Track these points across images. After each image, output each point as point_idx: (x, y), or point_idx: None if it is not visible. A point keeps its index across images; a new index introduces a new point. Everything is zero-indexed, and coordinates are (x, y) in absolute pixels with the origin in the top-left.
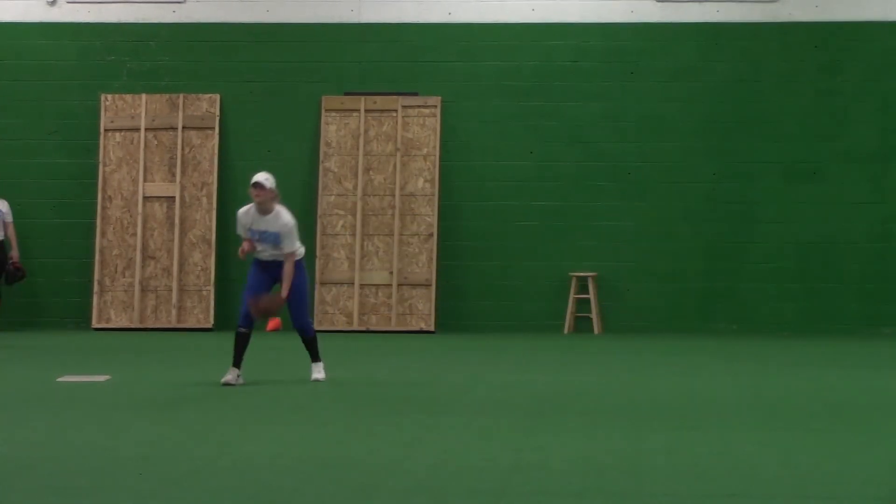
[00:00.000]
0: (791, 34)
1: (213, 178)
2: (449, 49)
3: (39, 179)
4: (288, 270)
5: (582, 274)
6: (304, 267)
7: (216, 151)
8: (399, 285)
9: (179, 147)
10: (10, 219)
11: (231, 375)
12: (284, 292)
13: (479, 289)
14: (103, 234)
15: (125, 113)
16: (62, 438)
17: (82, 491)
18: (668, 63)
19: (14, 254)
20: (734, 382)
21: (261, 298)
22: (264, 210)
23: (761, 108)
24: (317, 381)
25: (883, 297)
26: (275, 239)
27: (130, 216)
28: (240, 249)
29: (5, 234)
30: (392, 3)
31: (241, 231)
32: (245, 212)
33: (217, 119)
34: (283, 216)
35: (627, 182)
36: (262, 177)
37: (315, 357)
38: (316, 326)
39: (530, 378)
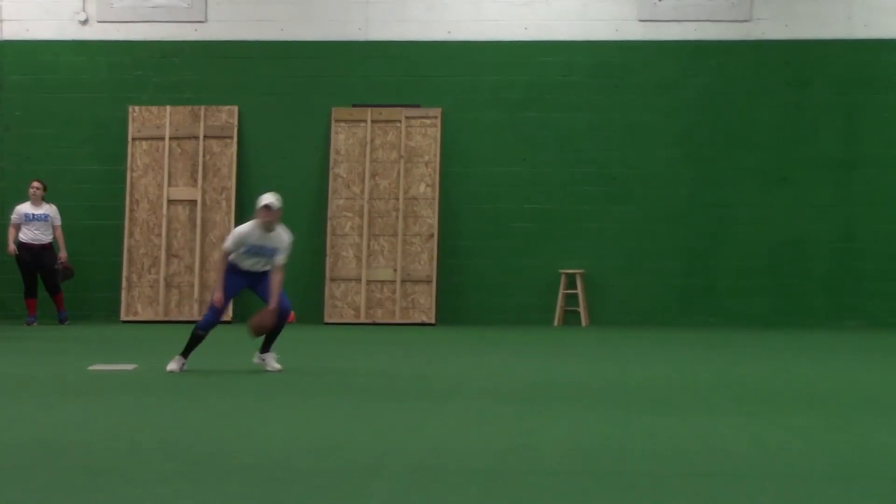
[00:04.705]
0: (763, 51)
1: (232, 183)
2: (449, 65)
3: (74, 184)
4: (276, 281)
5: (571, 271)
6: None
7: (234, 158)
8: (402, 281)
9: (201, 154)
10: (58, 222)
11: (176, 364)
12: (273, 303)
13: (477, 285)
14: (131, 234)
15: (151, 123)
16: (93, 422)
17: (111, 470)
18: (650, 78)
19: (62, 254)
20: (711, 371)
21: (254, 319)
22: (270, 228)
23: (736, 120)
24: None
25: (847, 292)
26: (272, 253)
27: (156, 218)
28: (215, 298)
29: (54, 236)
30: (397, 22)
31: (236, 246)
32: (249, 231)
33: (235, 129)
34: (285, 234)
35: (613, 187)
36: (273, 199)
37: None
38: (326, 319)
39: (523, 367)
